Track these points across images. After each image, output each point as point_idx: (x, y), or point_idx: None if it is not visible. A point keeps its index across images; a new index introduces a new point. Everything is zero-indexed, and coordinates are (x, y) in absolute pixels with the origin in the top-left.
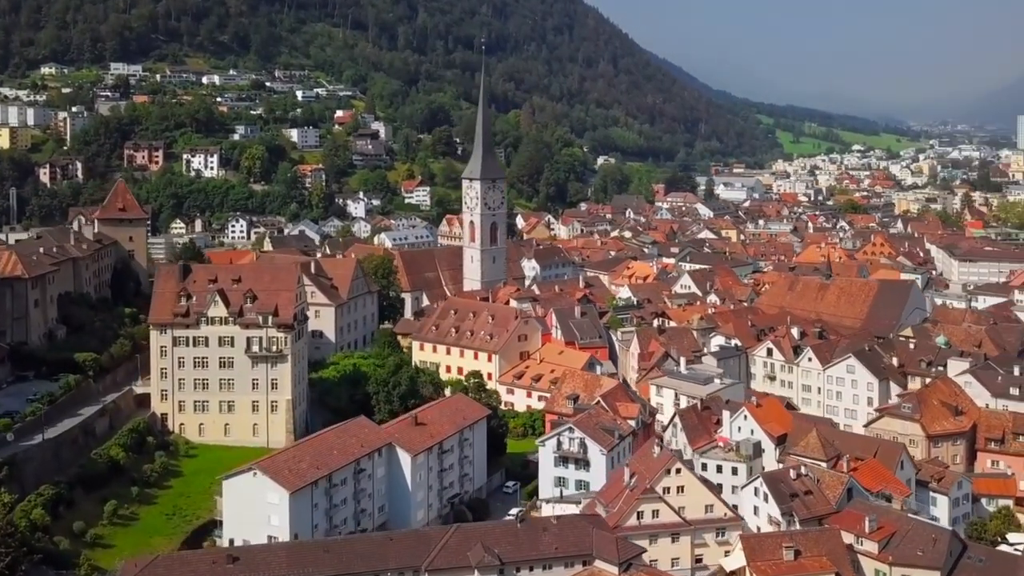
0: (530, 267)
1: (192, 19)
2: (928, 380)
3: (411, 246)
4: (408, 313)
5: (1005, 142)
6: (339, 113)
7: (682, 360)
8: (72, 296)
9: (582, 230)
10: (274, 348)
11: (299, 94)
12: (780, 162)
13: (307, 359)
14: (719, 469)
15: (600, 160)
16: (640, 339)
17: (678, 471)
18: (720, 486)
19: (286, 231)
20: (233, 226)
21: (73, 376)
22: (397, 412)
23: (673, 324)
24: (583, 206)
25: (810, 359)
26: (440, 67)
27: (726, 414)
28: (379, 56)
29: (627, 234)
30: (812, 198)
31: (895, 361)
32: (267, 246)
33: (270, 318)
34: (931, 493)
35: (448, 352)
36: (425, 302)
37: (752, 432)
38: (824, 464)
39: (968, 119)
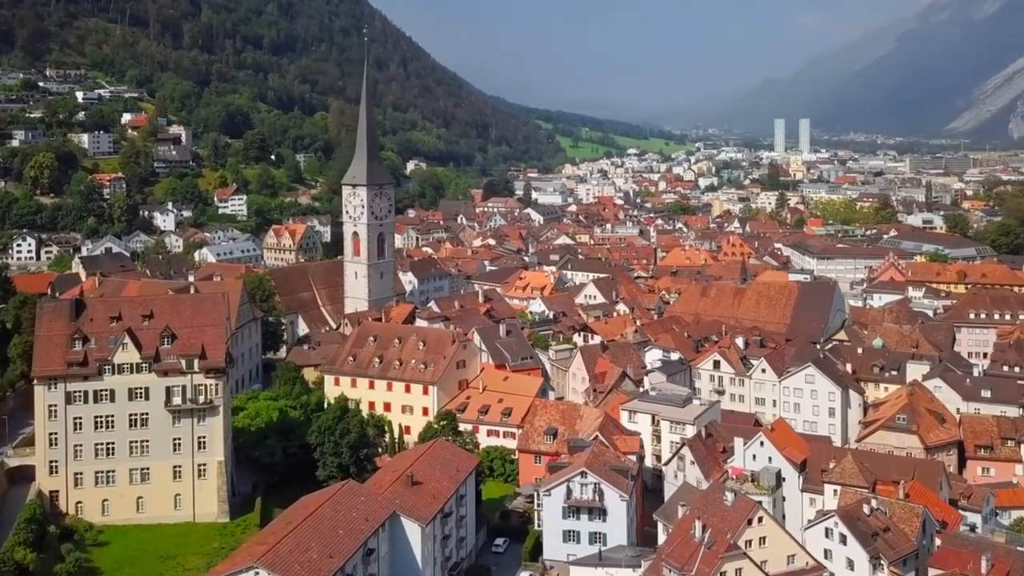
0: (407, 281)
1: None
2: (886, 387)
3: (237, 261)
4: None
5: (762, 143)
6: (128, 116)
7: (647, 380)
8: None
9: (418, 239)
10: (202, 398)
11: (79, 95)
12: (568, 166)
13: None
14: None
15: (410, 165)
16: (585, 358)
17: (760, 520)
18: None
19: (84, 249)
20: (19, 245)
21: None
22: (346, 466)
23: (597, 339)
24: (411, 212)
25: (764, 370)
26: (231, 67)
27: (738, 441)
28: (164, 55)
29: (491, 241)
30: (625, 201)
31: (848, 368)
32: (76, 268)
33: (196, 361)
34: (962, 512)
35: (372, 386)
36: (302, 327)
37: (770, 459)
38: (866, 491)
39: (718, 123)
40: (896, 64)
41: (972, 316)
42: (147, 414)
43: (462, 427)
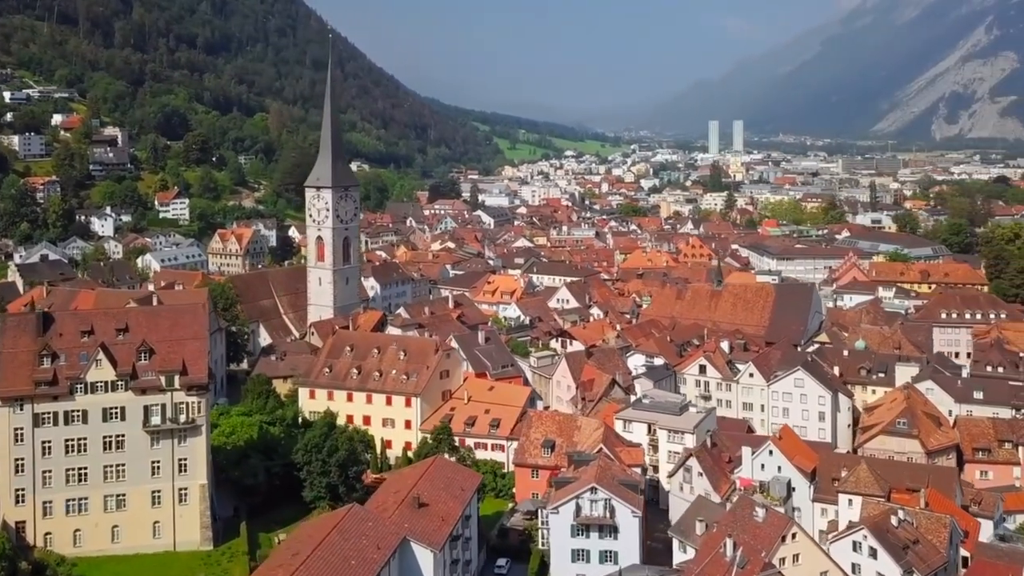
0: (369, 287)
1: None
2: (873, 390)
3: (182, 267)
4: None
5: (695, 145)
6: (60, 117)
7: (638, 387)
8: None
9: (367, 242)
10: (183, 417)
11: (7, 95)
12: (508, 168)
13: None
14: None
15: (352, 167)
16: (570, 365)
17: (794, 536)
18: None
19: (18, 256)
20: None
21: None
22: (335, 486)
23: (576, 344)
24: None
25: (752, 375)
26: (166, 67)
27: (746, 451)
28: (95, 54)
29: (451, 245)
30: (573, 203)
31: (836, 371)
32: (12, 276)
33: (176, 377)
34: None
35: (350, 399)
36: (264, 336)
37: (779, 469)
38: (882, 500)
39: (650, 125)
40: (822, 67)
41: (944, 316)
42: (123, 436)
43: (430, 438)
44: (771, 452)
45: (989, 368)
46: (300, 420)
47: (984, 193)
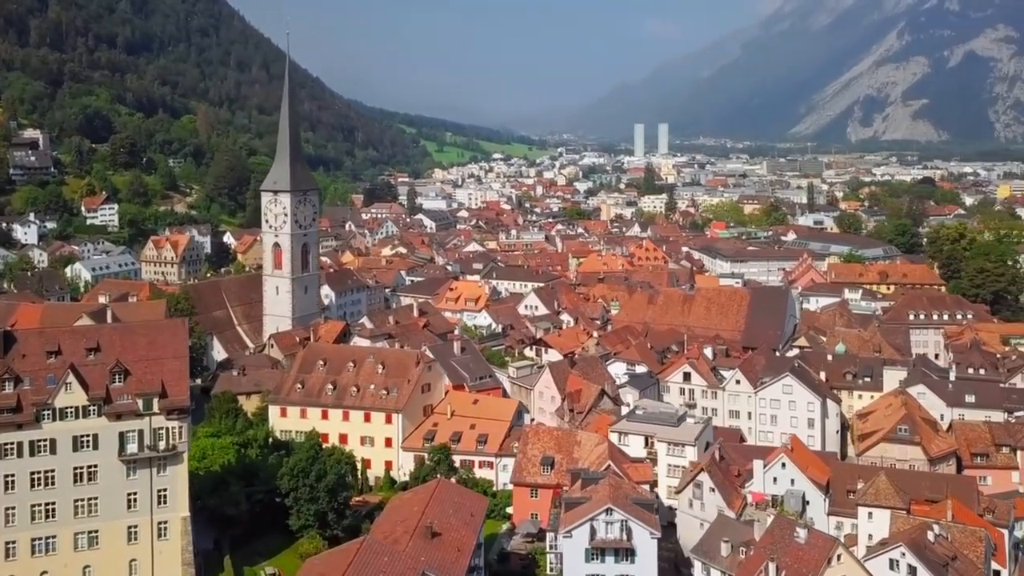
0: (323, 295)
1: None
2: (860, 394)
3: (115, 276)
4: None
5: (620, 148)
6: None
7: (630, 398)
8: None
9: None
10: (162, 444)
11: None
12: (438, 171)
13: None
14: None
15: None
16: (555, 375)
17: (839, 558)
18: None
19: None
20: None
21: None
22: (324, 513)
23: (552, 353)
24: None
25: (738, 381)
26: (85, 67)
27: (758, 464)
28: (10, 53)
29: (402, 250)
30: (512, 206)
31: (823, 376)
32: None
33: (155, 401)
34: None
35: (325, 416)
36: (218, 350)
37: (792, 482)
38: (904, 513)
39: (573, 128)
40: (741, 71)
41: (912, 317)
42: (96, 466)
43: (428, 458)
44: (784, 465)
45: (971, 370)
46: (271, 440)
47: (911, 194)
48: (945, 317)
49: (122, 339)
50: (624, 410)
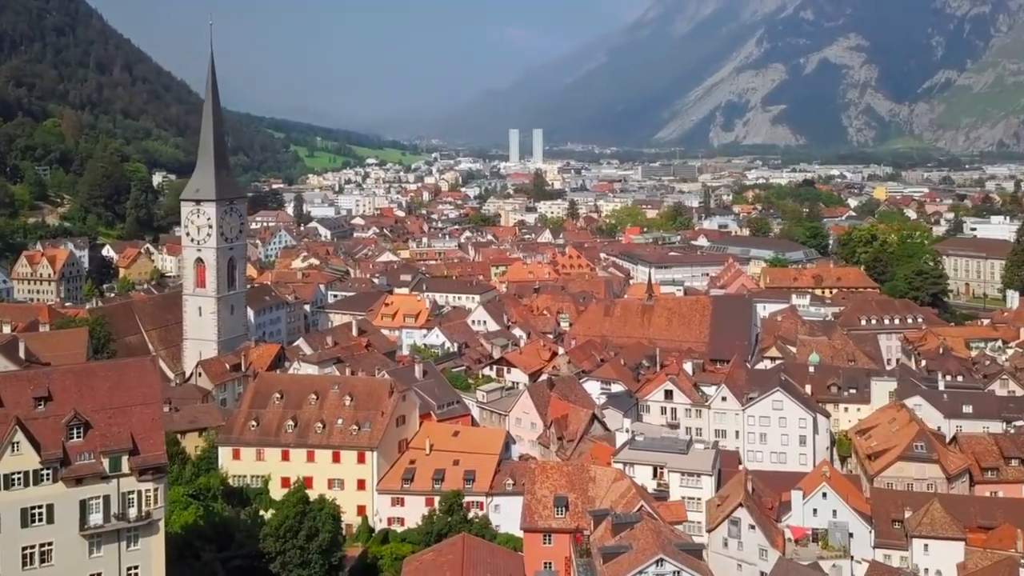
0: None
1: None
2: (846, 407)
3: None
4: None
5: (493, 153)
6: None
7: (625, 422)
8: None
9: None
10: (133, 512)
11: None
12: (312, 177)
13: None
14: None
15: (157, 178)
16: (535, 399)
17: None
18: None
19: None
20: None
21: None
22: None
23: (517, 373)
24: (177, 231)
25: (724, 398)
26: None
27: (795, 495)
28: None
29: (315, 261)
30: (408, 213)
31: (808, 389)
32: None
33: (124, 459)
34: None
35: (286, 457)
36: None
37: (835, 513)
38: (962, 543)
39: (440, 134)
40: (607, 78)
41: (863, 323)
42: (51, 544)
43: (409, 499)
44: (825, 495)
45: (948, 377)
46: (222, 488)
47: (795, 197)
48: (896, 322)
49: (78, 384)
50: (619, 436)
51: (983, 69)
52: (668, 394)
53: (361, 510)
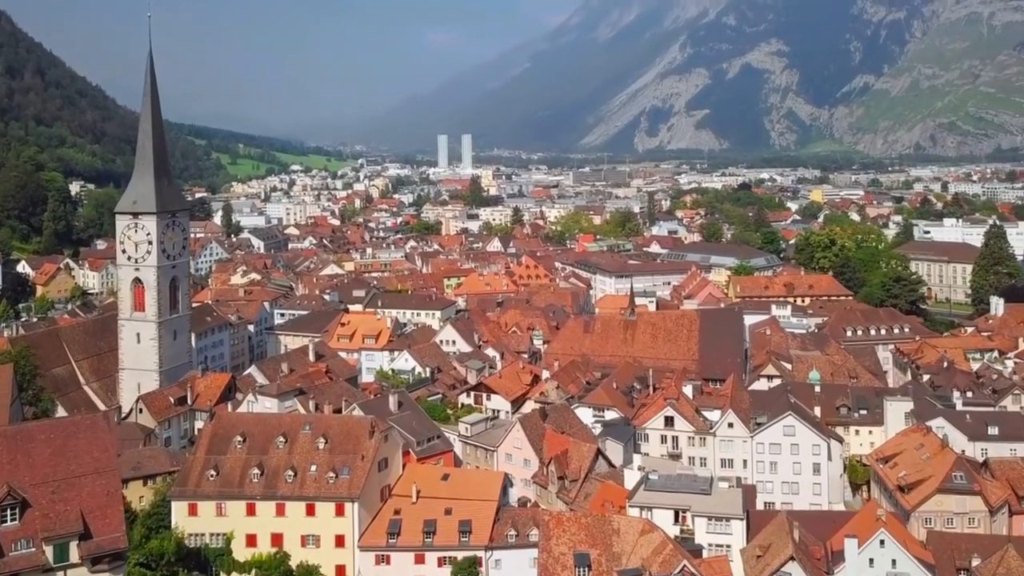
0: None
1: None
2: (856, 430)
3: None
4: None
5: (419, 159)
6: None
7: (636, 459)
8: None
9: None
10: None
11: None
12: (236, 185)
13: None
14: None
15: (75, 187)
16: (528, 432)
17: None
18: None
19: None
20: None
21: None
22: None
23: (499, 400)
24: (99, 244)
25: (731, 424)
26: None
27: (850, 544)
28: None
29: (255, 275)
30: (341, 221)
31: (817, 411)
32: None
33: (73, 545)
34: None
35: (252, 512)
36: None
37: (894, 563)
38: None
39: (363, 140)
40: (531, 83)
41: (849, 334)
42: None
43: (397, 556)
44: (883, 542)
45: (958, 394)
46: (176, 551)
47: (732, 201)
48: (883, 332)
49: (11, 451)
50: (629, 475)
51: (899, 74)
52: (669, 421)
53: (340, 572)
